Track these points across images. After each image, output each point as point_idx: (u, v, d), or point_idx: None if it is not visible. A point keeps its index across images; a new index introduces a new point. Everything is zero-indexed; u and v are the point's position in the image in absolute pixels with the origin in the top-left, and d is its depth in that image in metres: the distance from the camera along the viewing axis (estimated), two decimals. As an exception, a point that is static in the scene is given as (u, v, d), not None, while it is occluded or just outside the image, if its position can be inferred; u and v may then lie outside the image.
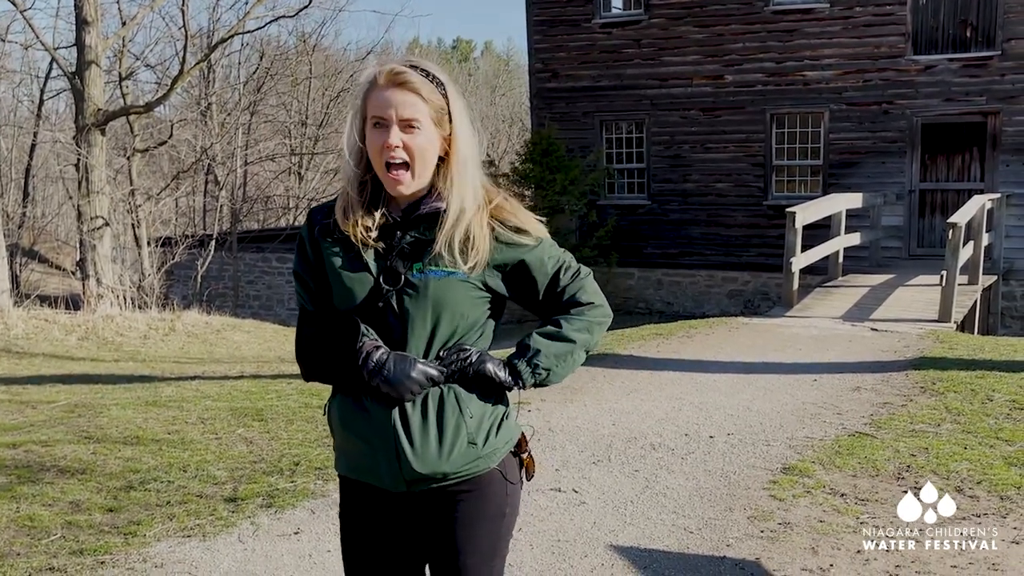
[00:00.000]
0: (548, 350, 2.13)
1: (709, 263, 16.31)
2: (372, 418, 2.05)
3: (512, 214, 2.10)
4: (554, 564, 3.86)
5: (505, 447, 2.13)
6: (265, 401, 6.92)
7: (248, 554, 4.00)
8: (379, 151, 2.01)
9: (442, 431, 2.04)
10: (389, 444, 2.03)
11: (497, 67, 53.05)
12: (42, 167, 27.56)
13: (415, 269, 2.04)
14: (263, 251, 20.98)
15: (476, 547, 2.10)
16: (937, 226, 14.65)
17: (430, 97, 2.02)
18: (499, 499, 2.12)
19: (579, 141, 16.96)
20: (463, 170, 2.05)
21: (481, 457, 2.08)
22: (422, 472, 2.03)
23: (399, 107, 2.00)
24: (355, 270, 2.06)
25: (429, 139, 2.02)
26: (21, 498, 4.70)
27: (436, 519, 2.10)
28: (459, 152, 2.05)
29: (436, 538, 2.11)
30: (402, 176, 2.02)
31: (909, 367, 7.50)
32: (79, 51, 17.40)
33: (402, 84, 2.00)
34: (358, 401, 2.06)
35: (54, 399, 7.49)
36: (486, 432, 2.08)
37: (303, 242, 2.16)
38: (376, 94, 2.01)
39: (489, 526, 2.11)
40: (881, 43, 14.89)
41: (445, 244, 2.02)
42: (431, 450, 2.03)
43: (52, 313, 13.45)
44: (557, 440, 5.61)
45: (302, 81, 29.20)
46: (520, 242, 2.09)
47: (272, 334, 14.30)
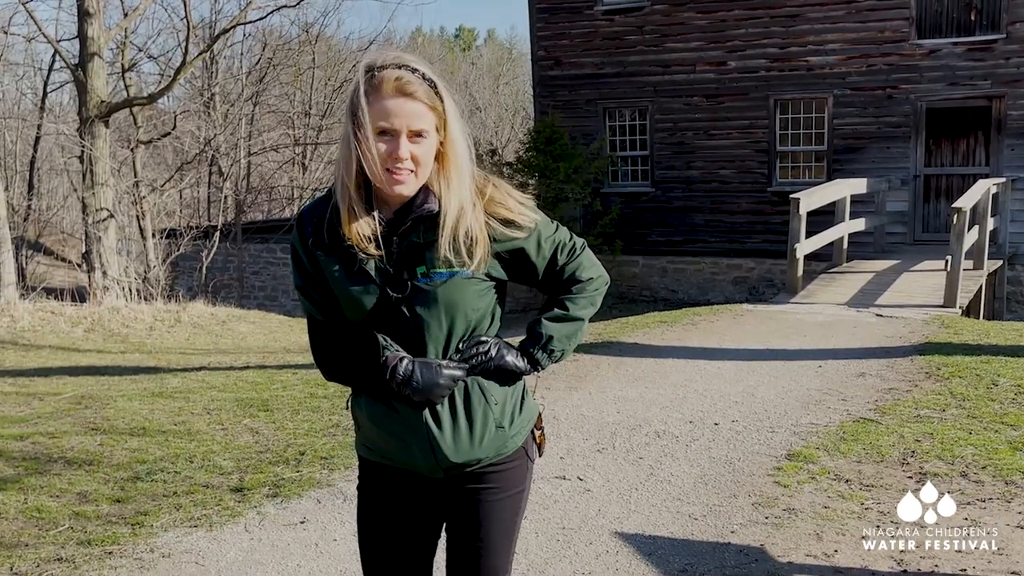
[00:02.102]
0: (560, 333, 2.21)
1: (713, 250, 16.28)
2: (403, 418, 2.10)
3: (503, 205, 2.10)
4: (559, 551, 3.88)
5: (528, 425, 2.22)
6: (271, 392, 6.94)
7: (255, 544, 4.02)
8: (383, 160, 1.98)
9: (471, 421, 2.10)
10: (423, 439, 2.09)
11: (500, 55, 52.86)
12: (46, 159, 27.57)
13: (419, 274, 2.04)
14: (267, 242, 21.00)
15: (498, 520, 2.18)
16: (942, 211, 14.61)
17: (433, 104, 2.00)
18: (521, 475, 2.21)
19: (582, 129, 16.92)
20: (459, 170, 2.05)
21: (510, 438, 2.16)
22: (457, 461, 2.10)
23: (409, 119, 1.98)
24: (359, 282, 2.06)
25: (432, 146, 2.02)
26: (29, 489, 4.73)
27: (462, 495, 2.17)
28: (455, 152, 2.04)
29: (460, 513, 2.19)
30: (406, 178, 2.01)
31: (914, 353, 7.50)
32: (81, 43, 17.38)
33: (409, 94, 1.97)
34: (387, 403, 2.10)
35: (61, 391, 7.52)
36: (511, 414, 2.16)
37: (298, 255, 2.13)
38: (381, 103, 1.97)
39: (510, 502, 2.20)
40: (885, 27, 14.82)
41: (448, 246, 2.03)
42: (463, 440, 2.10)
43: (58, 305, 13.47)
44: (562, 428, 5.62)
45: (305, 71, 29.13)
46: (513, 236, 2.10)
47: (277, 325, 14.32)
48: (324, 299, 2.12)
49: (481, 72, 45.09)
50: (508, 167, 17.15)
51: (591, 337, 9.00)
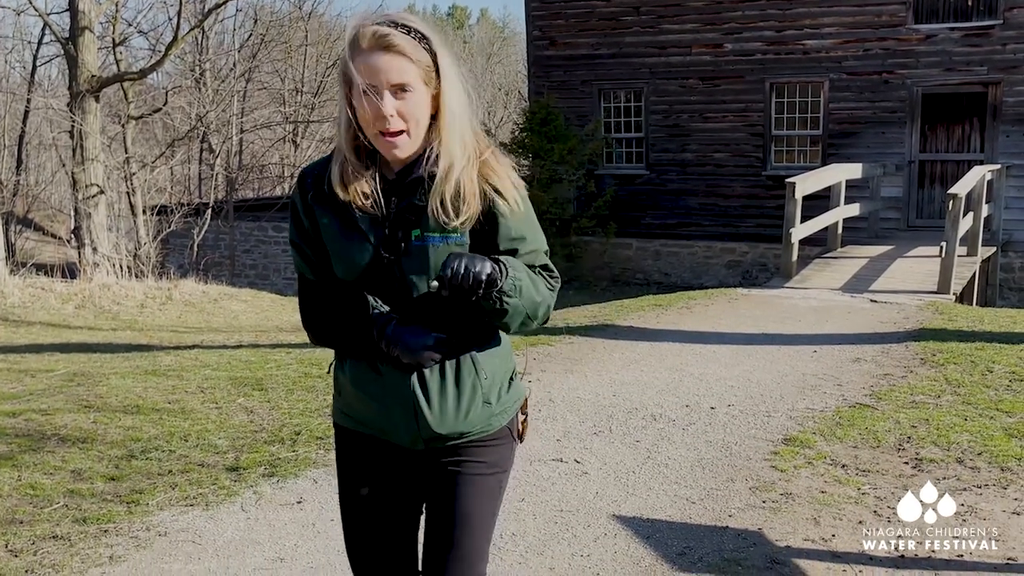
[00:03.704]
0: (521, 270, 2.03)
1: (707, 234, 16.28)
2: (388, 382, 2.06)
3: (495, 172, 2.06)
4: (557, 534, 3.87)
5: (515, 406, 2.19)
6: (265, 371, 6.91)
7: (251, 523, 4.00)
8: (372, 120, 1.95)
9: (460, 392, 2.07)
10: (408, 406, 2.05)
11: (492, 35, 52.61)
12: (35, 134, 27.36)
13: (414, 236, 2.02)
14: (259, 220, 20.91)
15: (479, 496, 2.14)
16: (936, 197, 14.63)
17: (417, 57, 1.95)
18: (504, 455, 2.18)
19: (577, 110, 16.86)
20: (452, 125, 2.00)
21: (495, 415, 2.13)
22: (440, 432, 2.07)
23: (388, 72, 1.93)
24: (354, 239, 2.03)
25: (421, 100, 1.98)
26: (23, 466, 4.69)
27: (442, 470, 2.13)
28: (448, 107, 2.00)
29: (439, 488, 2.14)
30: (399, 140, 1.97)
31: (909, 339, 7.51)
32: (72, 16, 17.23)
33: (388, 47, 1.93)
34: (373, 366, 2.07)
35: (53, 368, 7.47)
36: (498, 391, 2.13)
37: (296, 210, 2.10)
38: (362, 59, 1.93)
39: (493, 479, 2.17)
40: (882, 12, 14.78)
41: (437, 200, 1.99)
42: (449, 411, 2.06)
43: (48, 281, 13.40)
44: (558, 410, 5.61)
45: (297, 48, 28.94)
46: (495, 200, 2.05)
47: (269, 304, 14.28)
48: (317, 256, 2.09)
49: (473, 51, 44.88)
50: (502, 148, 17.02)
51: (586, 319, 8.99)
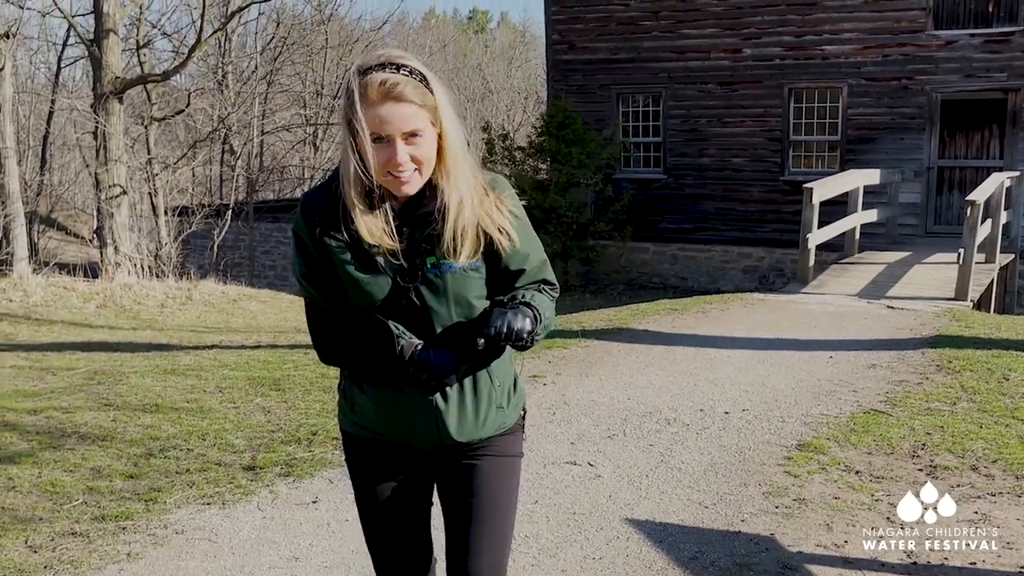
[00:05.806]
0: (544, 302, 2.16)
1: (724, 238, 16.25)
2: (411, 399, 2.13)
3: (499, 200, 2.12)
4: (570, 536, 3.90)
5: (520, 403, 2.29)
6: (282, 371, 6.97)
7: (267, 522, 4.05)
8: (383, 165, 1.99)
9: (478, 402, 2.16)
10: (430, 419, 2.14)
11: (513, 38, 52.66)
12: (59, 135, 27.60)
13: (430, 264, 2.08)
14: (279, 221, 21.03)
15: (501, 478, 2.24)
16: (955, 203, 14.54)
17: (424, 101, 2.00)
18: (517, 443, 2.28)
19: (595, 114, 16.86)
20: (457, 161, 2.06)
21: (508, 417, 2.23)
22: (460, 440, 2.17)
23: (400, 122, 1.97)
24: (371, 272, 2.07)
25: (431, 141, 2.03)
26: (43, 463, 4.77)
27: (460, 463, 2.22)
28: (451, 144, 2.05)
29: (458, 479, 2.22)
30: (411, 178, 2.03)
31: (925, 345, 7.49)
32: (96, 18, 17.37)
33: (397, 97, 1.97)
34: (395, 386, 2.13)
35: (74, 366, 7.56)
36: (507, 393, 2.22)
37: (304, 244, 2.12)
38: (372, 111, 1.96)
39: (509, 462, 2.26)
40: (901, 17, 14.72)
41: (451, 236, 2.06)
42: (468, 420, 2.16)
43: (70, 281, 13.54)
44: (572, 414, 5.64)
45: (318, 51, 29.07)
46: (503, 226, 2.13)
47: (288, 304, 14.36)
48: (331, 287, 2.12)
49: (494, 55, 44.94)
50: (520, 151, 17.11)
51: (602, 323, 9.01)
